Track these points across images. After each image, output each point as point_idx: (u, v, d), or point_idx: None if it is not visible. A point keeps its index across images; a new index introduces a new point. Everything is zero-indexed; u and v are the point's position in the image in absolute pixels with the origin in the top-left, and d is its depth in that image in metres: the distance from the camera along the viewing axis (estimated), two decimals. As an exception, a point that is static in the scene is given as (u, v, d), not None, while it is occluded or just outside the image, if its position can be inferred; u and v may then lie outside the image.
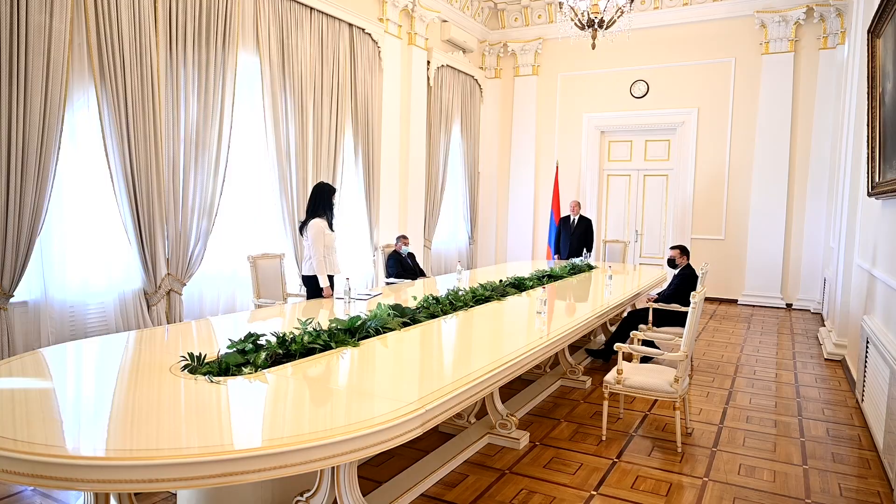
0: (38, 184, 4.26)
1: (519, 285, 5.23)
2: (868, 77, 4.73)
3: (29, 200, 4.21)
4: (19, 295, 4.34)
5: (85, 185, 4.81)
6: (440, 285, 5.48)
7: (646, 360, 4.77)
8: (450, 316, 3.96)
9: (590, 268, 7.12)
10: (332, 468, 2.35)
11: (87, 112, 4.74)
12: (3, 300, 4.19)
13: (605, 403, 3.89)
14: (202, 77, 5.49)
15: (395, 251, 6.73)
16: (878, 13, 4.32)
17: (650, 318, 5.52)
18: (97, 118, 4.73)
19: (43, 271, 4.54)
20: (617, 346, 3.92)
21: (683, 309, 5.00)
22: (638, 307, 5.87)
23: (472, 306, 4.29)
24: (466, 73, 10.35)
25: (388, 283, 6.34)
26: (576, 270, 6.72)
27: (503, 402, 3.97)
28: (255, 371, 2.54)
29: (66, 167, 4.62)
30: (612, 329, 6.37)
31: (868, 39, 4.72)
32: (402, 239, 6.75)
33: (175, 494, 2.86)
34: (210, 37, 5.53)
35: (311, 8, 6.81)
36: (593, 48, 6.60)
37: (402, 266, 6.64)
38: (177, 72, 5.29)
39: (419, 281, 6.16)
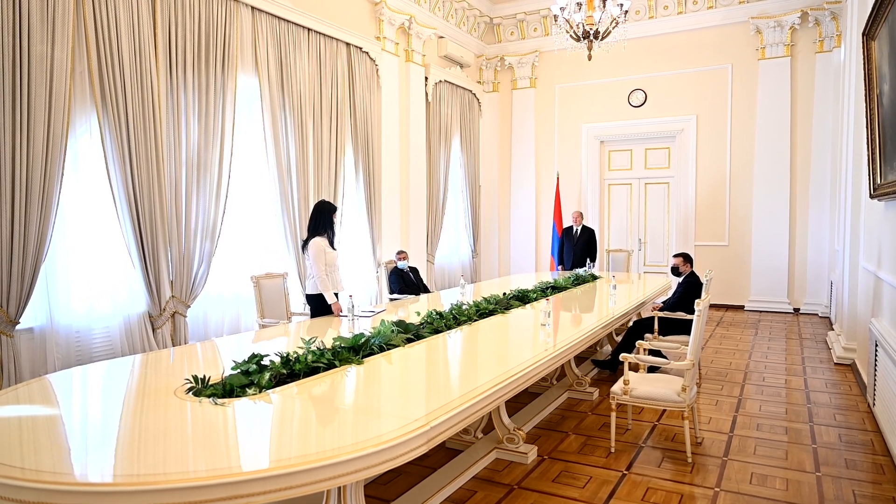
0: (42, 211, 4.29)
1: (523, 298, 5.22)
2: (865, 79, 4.74)
3: (33, 228, 4.24)
4: (25, 322, 4.36)
5: (88, 211, 4.85)
6: (444, 300, 5.48)
7: (653, 369, 4.74)
8: (454, 331, 3.96)
9: (594, 278, 7.11)
10: (339, 487, 2.33)
11: (90, 139, 4.79)
12: (9, 327, 4.21)
13: (613, 415, 3.86)
14: (202, 100, 5.55)
15: (395, 267, 6.73)
16: (872, 16, 4.34)
17: (655, 327, 5.50)
18: (99, 144, 4.78)
19: (48, 297, 4.56)
20: (623, 356, 3.89)
21: (689, 317, 4.97)
22: (643, 316, 5.85)
23: (475, 320, 4.28)
24: (464, 88, 10.42)
25: (391, 300, 6.34)
26: (580, 281, 6.71)
27: (510, 416, 3.95)
28: (260, 392, 2.54)
29: (70, 194, 4.66)
30: (619, 339, 6.34)
31: (863, 42, 4.73)
32: (400, 254, 6.75)
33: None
34: (210, 60, 5.60)
35: (309, 29, 6.89)
36: (589, 59, 6.65)
37: (404, 282, 6.64)
38: (177, 96, 5.34)
39: (423, 296, 6.16)
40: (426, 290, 6.87)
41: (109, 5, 4.73)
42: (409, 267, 6.76)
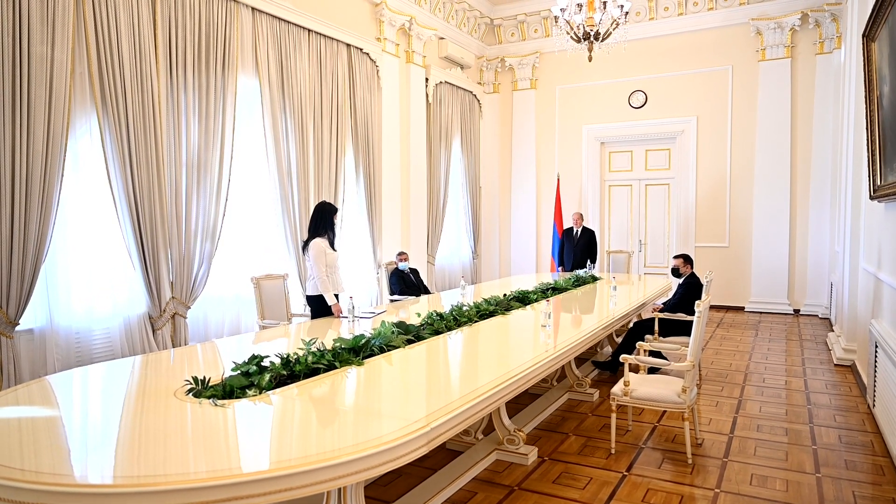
0: (42, 212, 4.29)
1: (523, 299, 5.22)
2: (865, 81, 4.74)
3: (33, 229, 4.24)
4: (25, 323, 4.36)
5: (88, 212, 4.85)
6: (444, 301, 5.48)
7: (653, 370, 4.74)
8: (454, 332, 3.95)
9: (594, 279, 7.11)
10: (339, 489, 2.33)
11: (90, 139, 4.79)
12: (9, 328, 4.21)
13: (613, 416, 3.86)
14: (203, 101, 5.55)
15: (395, 268, 6.72)
16: (872, 17, 4.34)
17: (656, 328, 5.49)
18: (99, 145, 4.78)
19: (48, 298, 4.56)
20: (623, 357, 3.89)
21: (689, 318, 4.97)
22: (644, 317, 5.85)
23: (476, 321, 4.28)
24: (465, 89, 10.42)
25: (392, 301, 6.34)
26: (580, 282, 6.70)
27: (510, 418, 3.95)
28: (260, 393, 2.54)
29: (70, 194, 4.66)
30: (619, 340, 6.33)
31: (863, 43, 4.73)
32: (401, 255, 6.74)
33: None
34: (210, 61, 5.60)
35: (309, 30, 6.89)
36: (590, 60, 6.65)
37: (404, 283, 6.64)
38: (177, 97, 5.34)
39: (423, 297, 6.15)
40: (426, 292, 6.87)
41: (109, 5, 4.74)
42: (409, 268, 6.76)
